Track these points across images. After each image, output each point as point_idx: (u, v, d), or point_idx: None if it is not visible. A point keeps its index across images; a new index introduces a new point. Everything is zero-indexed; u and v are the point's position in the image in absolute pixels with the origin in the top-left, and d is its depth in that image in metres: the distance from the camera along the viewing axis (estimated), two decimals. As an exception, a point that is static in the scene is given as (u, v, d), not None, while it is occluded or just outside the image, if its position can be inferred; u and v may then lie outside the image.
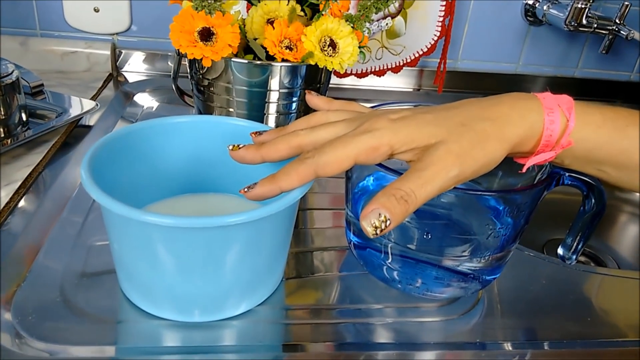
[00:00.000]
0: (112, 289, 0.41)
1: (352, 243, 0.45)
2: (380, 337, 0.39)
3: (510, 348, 0.39)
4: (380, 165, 0.38)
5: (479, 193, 0.39)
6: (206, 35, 0.47)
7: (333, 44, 0.49)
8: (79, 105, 0.65)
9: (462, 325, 0.41)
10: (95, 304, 0.39)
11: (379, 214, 0.30)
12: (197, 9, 0.45)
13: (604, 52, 0.78)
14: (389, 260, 0.41)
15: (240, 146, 0.37)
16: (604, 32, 0.76)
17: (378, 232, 0.30)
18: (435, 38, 0.79)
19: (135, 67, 0.84)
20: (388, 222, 0.30)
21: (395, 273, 0.42)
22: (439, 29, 0.79)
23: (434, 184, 0.31)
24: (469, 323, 0.41)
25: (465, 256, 0.40)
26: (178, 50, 0.49)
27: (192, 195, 0.46)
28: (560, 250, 0.42)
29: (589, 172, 0.35)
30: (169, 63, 0.85)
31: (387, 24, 0.72)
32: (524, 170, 0.35)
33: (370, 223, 0.30)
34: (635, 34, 0.74)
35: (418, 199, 0.30)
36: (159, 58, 0.84)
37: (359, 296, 0.43)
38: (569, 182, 0.38)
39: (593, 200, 0.39)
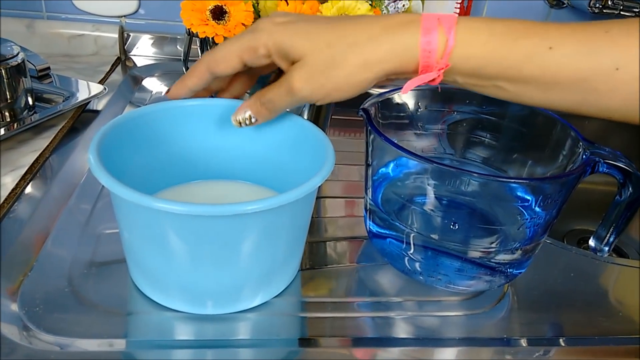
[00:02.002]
0: (121, 279, 0.39)
1: (371, 232, 0.43)
2: (400, 331, 0.37)
3: (537, 344, 0.38)
4: (401, 148, 0.36)
5: (508, 180, 0.36)
6: (218, 13, 0.44)
7: (351, 24, 0.47)
8: (87, 89, 0.63)
9: (486, 320, 0.39)
10: (105, 295, 0.37)
11: (245, 112, 0.37)
12: (210, -15, 0.43)
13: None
14: (411, 251, 0.39)
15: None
16: (629, 14, 0.73)
17: (242, 125, 0.37)
18: (453, 20, 0.76)
19: (144, 51, 0.82)
20: (253, 119, 0.37)
21: (417, 264, 0.40)
22: (458, 10, 0.76)
23: (287, 100, 0.35)
24: (494, 318, 0.39)
25: (493, 248, 0.38)
26: (189, 30, 0.47)
27: (203, 182, 0.44)
28: (591, 242, 0.40)
29: (486, 89, 0.34)
30: (178, 47, 0.83)
31: (404, 5, 0.69)
32: (404, 92, 0.34)
33: (236, 118, 0.37)
34: (663, 16, 0.71)
35: (276, 107, 0.36)
36: (167, 41, 0.82)
37: (378, 288, 0.41)
38: (605, 170, 0.36)
39: (630, 189, 0.36)
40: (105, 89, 0.63)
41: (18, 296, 0.36)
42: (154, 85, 0.75)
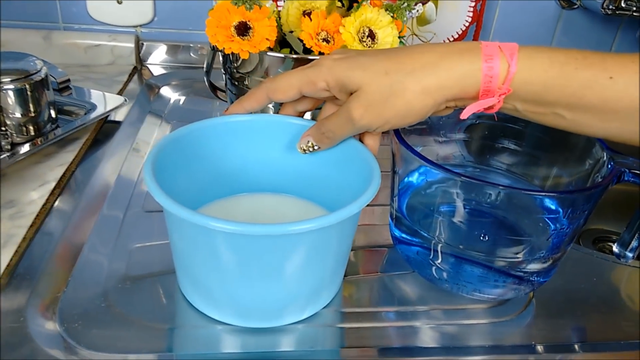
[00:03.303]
0: (158, 293, 0.40)
1: (397, 240, 0.43)
2: (428, 340, 0.38)
3: (564, 351, 0.38)
4: (423, 158, 0.36)
5: (535, 193, 0.37)
6: (243, 29, 0.45)
7: (372, 35, 0.48)
8: (107, 101, 0.64)
9: (513, 327, 0.40)
10: (142, 309, 0.38)
11: (308, 141, 0.39)
12: (237, 4, 0.43)
13: (641, 35, 0.75)
14: (437, 260, 0.40)
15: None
16: (642, 15, 0.73)
17: (307, 151, 0.39)
18: (467, 24, 0.77)
19: (159, 60, 0.83)
20: (316, 147, 0.39)
21: (442, 272, 0.40)
22: (471, 14, 0.76)
23: (346, 129, 0.37)
24: (520, 325, 0.40)
25: (519, 258, 0.38)
26: (213, 45, 0.48)
27: (248, 195, 0.45)
28: (615, 248, 0.40)
29: (545, 117, 0.34)
30: (192, 54, 0.84)
31: (417, 10, 0.69)
32: (463, 116, 0.35)
33: (300, 146, 0.39)
34: (677, 16, 0.71)
35: (337, 136, 0.38)
36: (181, 50, 0.83)
37: (405, 297, 0.42)
38: (630, 179, 0.37)
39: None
40: (125, 100, 0.64)
41: (56, 313, 0.37)
42: (170, 93, 0.76)
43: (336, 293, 0.40)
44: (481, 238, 0.38)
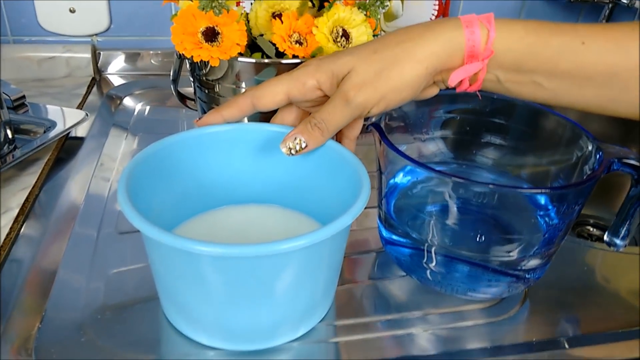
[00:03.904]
0: (140, 322, 0.37)
1: (387, 242, 0.42)
2: (427, 348, 0.37)
3: (566, 345, 0.38)
4: (408, 158, 0.35)
5: (526, 191, 0.36)
6: (211, 35, 0.43)
7: (346, 34, 0.46)
8: (66, 116, 0.61)
9: (511, 325, 0.39)
10: (126, 340, 0.36)
11: (295, 138, 0.35)
12: (204, 9, 0.41)
13: (603, 21, 0.76)
14: (432, 262, 0.39)
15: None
16: (604, 1, 0.74)
17: (293, 152, 0.36)
18: (433, 17, 0.76)
19: (118, 69, 0.79)
20: (304, 145, 0.36)
21: (438, 275, 0.39)
22: (436, 7, 0.76)
23: (342, 112, 0.35)
24: (518, 322, 0.39)
25: (512, 256, 0.37)
26: (179, 53, 0.45)
27: (231, 207, 0.43)
28: (606, 237, 0.40)
29: (526, 87, 0.36)
30: (152, 62, 0.80)
31: (385, 5, 0.68)
32: (452, 83, 0.36)
33: (286, 145, 0.36)
34: (637, 1, 0.72)
35: (329, 126, 0.35)
36: (141, 57, 0.79)
37: (399, 303, 0.41)
38: (619, 168, 0.36)
39: (644, 184, 0.37)
40: (87, 114, 0.61)
41: (32, 352, 0.35)
42: (134, 104, 0.72)
43: (330, 307, 0.39)
44: (477, 239, 0.37)
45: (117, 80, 0.78)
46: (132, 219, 0.30)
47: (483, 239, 0.37)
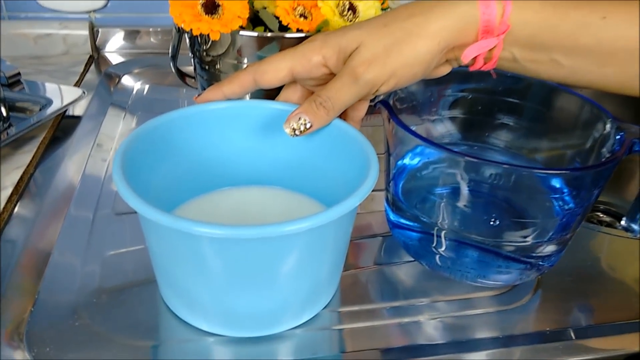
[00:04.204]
0: (135, 306, 0.36)
1: (395, 225, 0.40)
2: (434, 336, 0.35)
3: (580, 335, 0.36)
4: (421, 137, 0.34)
5: (546, 172, 0.35)
6: (211, 7, 0.41)
7: (353, 8, 0.44)
8: (63, 94, 0.59)
9: (522, 314, 0.38)
10: (122, 325, 0.34)
11: (299, 118, 0.33)
12: (204, -23, 0.39)
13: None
14: (441, 247, 0.37)
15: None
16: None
17: (297, 132, 0.34)
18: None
19: (116, 47, 0.77)
20: (308, 125, 0.34)
21: (445, 259, 0.38)
22: None
23: (349, 90, 0.33)
24: (530, 311, 0.38)
25: (527, 242, 0.36)
26: (178, 27, 0.43)
27: (232, 189, 0.41)
28: (623, 222, 0.38)
29: (543, 65, 0.34)
30: (152, 39, 0.78)
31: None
32: (466, 60, 0.34)
33: (290, 125, 0.34)
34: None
35: (335, 105, 0.34)
36: (140, 35, 0.77)
37: (406, 289, 0.39)
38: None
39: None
40: (84, 92, 0.59)
41: (24, 337, 0.33)
42: (132, 82, 0.71)
43: (334, 292, 0.37)
44: (490, 223, 0.35)
45: (115, 58, 0.76)
46: (128, 199, 0.28)
47: (497, 223, 0.35)
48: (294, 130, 0.34)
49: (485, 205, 0.38)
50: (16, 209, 0.44)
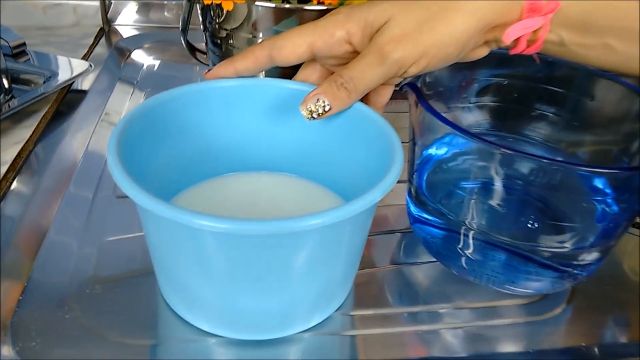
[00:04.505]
0: (132, 300, 0.33)
1: (417, 221, 0.37)
2: (456, 347, 0.32)
3: (621, 354, 0.33)
4: (452, 125, 0.30)
5: (595, 170, 0.31)
6: (225, -26, 0.37)
7: (380, -18, 0.40)
8: (70, 67, 0.56)
9: (555, 326, 0.34)
10: (115, 321, 0.32)
11: (318, 99, 0.30)
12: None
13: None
14: (468, 248, 0.34)
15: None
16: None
17: (314, 115, 0.31)
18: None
19: (129, 20, 0.74)
20: (327, 107, 0.30)
21: (472, 262, 0.34)
22: None
23: (374, 70, 0.30)
24: (564, 323, 0.34)
25: (565, 248, 0.32)
26: (190, -5, 0.40)
27: (240, 174, 0.37)
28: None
29: (594, 51, 0.30)
30: (166, 13, 0.75)
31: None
32: (507, 41, 0.30)
33: (306, 107, 0.31)
34: None
35: (358, 86, 0.30)
36: (154, 8, 0.74)
37: (426, 293, 0.36)
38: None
39: None
40: (91, 65, 0.56)
41: (9, 329, 0.30)
42: (144, 58, 0.67)
43: (348, 294, 0.34)
44: (527, 225, 0.31)
45: (127, 32, 0.72)
46: (123, 184, 0.25)
47: (536, 225, 0.31)
48: (311, 112, 0.31)
49: (520, 205, 0.34)
50: (13, 185, 0.42)
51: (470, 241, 0.33)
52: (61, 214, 0.40)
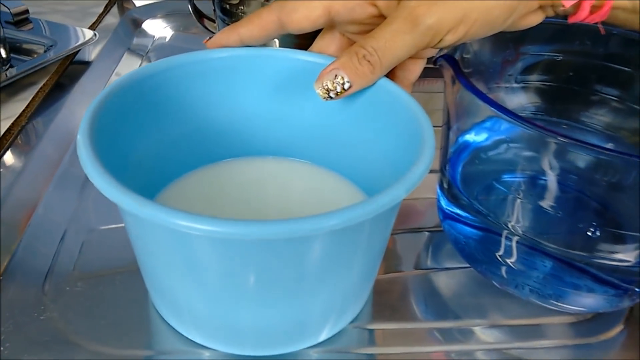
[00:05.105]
0: (119, 301, 0.29)
1: (448, 217, 0.32)
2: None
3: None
4: (492, 103, 0.25)
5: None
6: None
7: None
8: (75, 36, 0.52)
9: (606, 350, 0.29)
10: (97, 326, 0.27)
11: (335, 75, 0.25)
12: None
13: None
14: (510, 256, 0.28)
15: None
16: None
17: (332, 95, 0.26)
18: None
19: (143, -13, 0.69)
20: (347, 85, 0.26)
21: (514, 272, 0.29)
22: None
23: (403, 39, 0.25)
24: (615, 347, 0.29)
25: (628, 263, 0.26)
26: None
27: (243, 159, 0.32)
28: None
29: None
30: (184, -19, 0.70)
31: None
32: (567, 5, 0.24)
33: (322, 84, 0.26)
34: None
35: (384, 59, 0.25)
36: (171, -24, 0.69)
37: (456, 306, 0.31)
38: None
39: None
40: (95, 35, 0.51)
41: (-25, 330, 0.27)
42: (156, 28, 0.63)
43: (364, 304, 0.29)
44: (588, 233, 0.26)
45: (140, 1, 0.68)
46: (92, 174, 0.21)
47: (597, 234, 0.26)
48: (328, 91, 0.26)
49: (575, 207, 0.28)
50: (2, 159, 0.38)
51: (514, 248, 0.28)
52: (49, 197, 0.36)
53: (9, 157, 0.38)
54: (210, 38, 0.29)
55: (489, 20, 0.25)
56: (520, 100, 0.36)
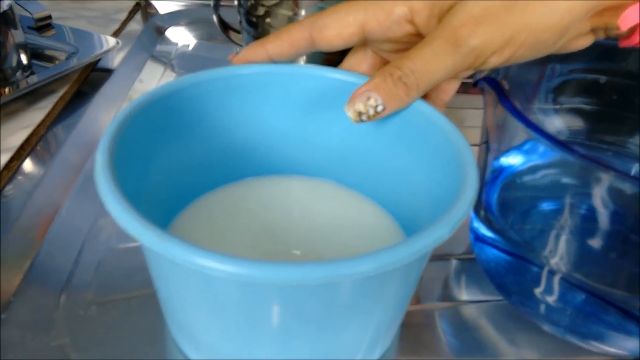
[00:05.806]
0: (135, 329, 0.28)
1: (479, 240, 0.30)
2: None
3: None
4: (531, 126, 0.23)
5: None
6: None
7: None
8: (97, 44, 0.51)
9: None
10: (112, 355, 0.26)
11: (369, 97, 0.24)
12: None
13: None
14: (551, 294, 0.27)
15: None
16: None
17: (364, 118, 0.24)
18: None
19: (168, -6, 0.69)
20: (380, 108, 0.24)
21: (553, 310, 0.27)
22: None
23: (443, 61, 0.23)
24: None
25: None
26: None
27: (266, 178, 0.31)
28: None
29: None
30: (208, -11, 0.69)
31: None
32: (624, 27, 0.23)
33: (354, 106, 0.24)
34: None
35: (421, 81, 0.24)
36: (196, -18, 0.68)
37: (490, 343, 0.29)
38: None
39: None
40: (118, 42, 0.51)
41: (-16, 355, 0.26)
42: (179, 36, 0.62)
43: (390, 343, 0.27)
44: (611, 263, 0.24)
45: (165, 8, 0.67)
46: (109, 202, 0.19)
47: (625, 264, 0.24)
48: (360, 114, 0.24)
49: (619, 241, 0.26)
50: (15, 176, 0.37)
51: (556, 286, 0.26)
52: (67, 210, 0.35)
53: (28, 166, 0.38)
54: (236, 54, 0.28)
55: (537, 43, 0.23)
56: (557, 123, 0.34)
